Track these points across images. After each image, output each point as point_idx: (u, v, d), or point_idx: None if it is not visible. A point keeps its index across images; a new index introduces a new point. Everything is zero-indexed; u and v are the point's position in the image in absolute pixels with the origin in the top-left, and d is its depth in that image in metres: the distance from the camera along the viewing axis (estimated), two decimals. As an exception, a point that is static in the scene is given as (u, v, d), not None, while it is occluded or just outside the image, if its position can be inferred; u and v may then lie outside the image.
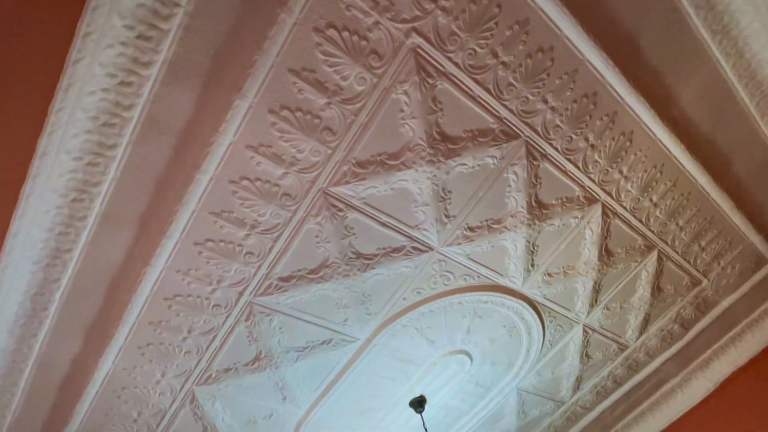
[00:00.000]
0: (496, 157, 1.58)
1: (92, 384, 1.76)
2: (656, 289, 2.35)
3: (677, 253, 2.23)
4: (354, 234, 1.64)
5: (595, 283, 2.18)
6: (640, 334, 2.57)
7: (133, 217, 1.43)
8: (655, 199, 1.97)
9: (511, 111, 1.47)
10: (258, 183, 1.43)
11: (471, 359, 2.24)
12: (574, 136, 1.62)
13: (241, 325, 1.77)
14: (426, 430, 2.23)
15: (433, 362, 2.18)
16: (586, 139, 1.65)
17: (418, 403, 2.28)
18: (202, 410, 1.99)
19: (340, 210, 1.57)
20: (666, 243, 2.16)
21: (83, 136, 1.21)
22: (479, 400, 2.49)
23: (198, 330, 1.74)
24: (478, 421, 2.62)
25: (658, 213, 2.03)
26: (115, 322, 1.63)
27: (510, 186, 1.69)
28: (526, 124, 1.53)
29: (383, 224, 1.65)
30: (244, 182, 1.41)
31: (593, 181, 1.80)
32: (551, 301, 2.17)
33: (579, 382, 2.68)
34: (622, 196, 1.90)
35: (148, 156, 1.30)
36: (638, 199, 1.93)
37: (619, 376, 2.77)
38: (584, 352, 2.52)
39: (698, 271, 2.37)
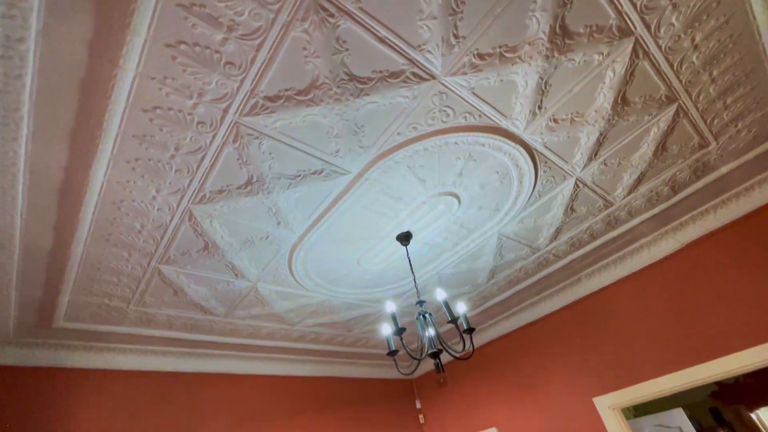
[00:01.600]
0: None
1: (90, 194, 1.81)
2: (661, 147, 2.28)
3: (698, 109, 2.07)
4: (347, 50, 1.45)
5: (601, 134, 2.08)
6: (629, 193, 2.61)
7: (87, 4, 1.21)
8: (697, 39, 1.70)
9: None
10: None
11: (459, 202, 2.30)
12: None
13: (229, 146, 1.72)
14: (410, 260, 2.45)
15: (422, 201, 2.24)
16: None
17: (405, 237, 2.45)
18: (201, 227, 2.12)
19: (332, 15, 1.34)
20: (689, 96, 1.98)
21: None
22: (461, 240, 2.68)
23: (185, 148, 1.70)
24: (458, 258, 2.88)
25: (694, 58, 1.79)
26: (97, 131, 1.57)
27: (535, 2, 1.42)
28: None
29: (381, 40, 1.44)
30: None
31: (634, 5, 1.51)
32: (550, 150, 2.10)
33: (558, 233, 2.85)
34: (662, 30, 1.63)
35: None
36: (679, 36, 1.67)
37: (597, 231, 2.94)
38: (570, 205, 2.60)
39: (711, 132, 2.25)
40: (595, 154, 2.22)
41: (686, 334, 2.96)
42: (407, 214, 2.32)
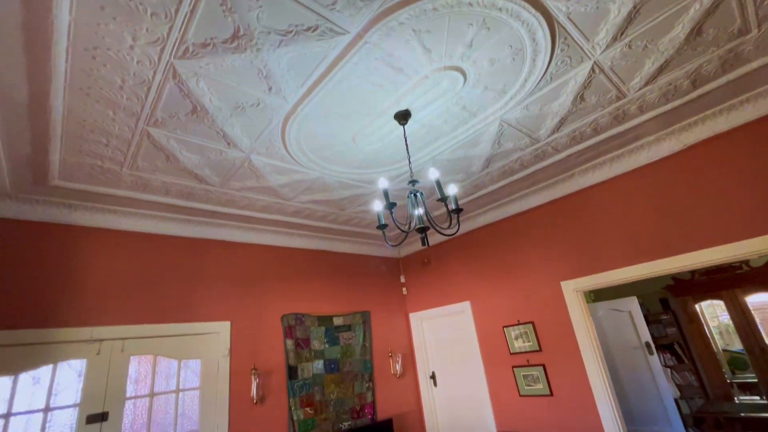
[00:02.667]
0: None
1: (58, 36, 1.63)
2: (696, 31, 2.04)
3: (751, -17, 1.80)
4: None
5: (634, 7, 1.83)
6: (646, 84, 2.44)
7: None
8: None
9: None
10: None
11: (465, 79, 2.14)
12: None
13: (209, -14, 1.49)
14: (406, 141, 2.39)
15: (424, 75, 2.08)
16: None
17: (403, 116, 2.35)
18: (187, 87, 1.98)
19: None
20: (748, -36, 1.69)
21: None
22: (461, 124, 2.59)
23: (159, -15, 1.47)
24: (455, 144, 2.82)
25: None
26: (50, -48, 1.32)
27: None
28: None
29: None
30: None
31: None
32: (573, 23, 1.87)
33: (561, 123, 2.75)
34: None
35: None
36: None
37: (601, 125, 2.84)
38: (580, 93, 2.45)
39: (757, 16, 2.00)
40: (622, 33, 2.00)
41: (660, 231, 3.13)
42: (407, 90, 2.18)
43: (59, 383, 2.68)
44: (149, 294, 3.19)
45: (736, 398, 4.99)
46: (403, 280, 5.37)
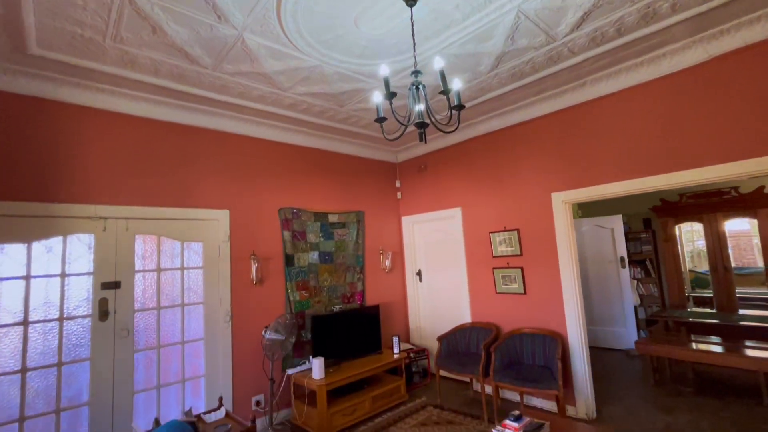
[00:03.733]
0: None
1: None
2: None
3: None
4: None
5: None
6: (686, -24, 2.18)
7: None
8: None
9: None
10: None
11: (484, -48, 1.88)
12: None
13: None
14: (412, 24, 2.20)
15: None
16: None
17: (412, -4, 2.12)
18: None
19: None
20: None
21: None
22: (475, 11, 2.36)
23: None
24: (466, 36, 2.61)
25: None
26: None
27: None
28: None
29: None
30: None
31: None
32: None
33: (583, 19, 2.51)
34: None
35: None
36: None
37: (627, 24, 2.60)
38: (611, -17, 2.19)
39: None
40: None
41: (662, 148, 3.10)
42: (419, -38, 1.92)
43: (71, 253, 2.87)
44: (148, 178, 3.23)
45: (689, 309, 5.54)
46: (398, 184, 5.45)
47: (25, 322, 2.64)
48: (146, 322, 3.14)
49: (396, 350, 4.27)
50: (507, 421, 2.20)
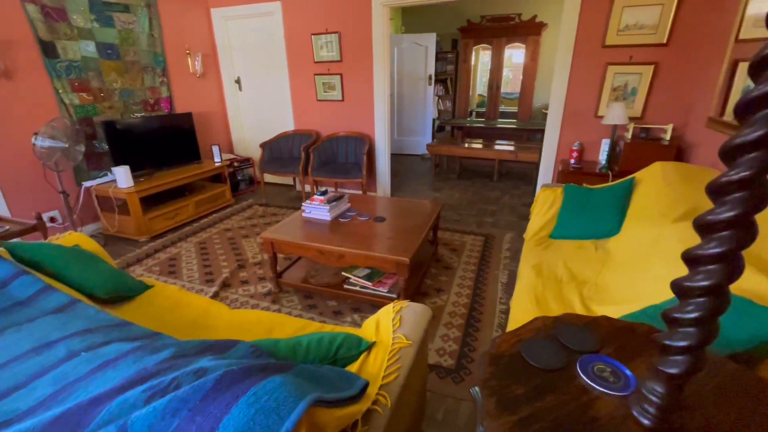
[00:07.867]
0: None
1: None
2: None
3: None
4: None
5: None
6: None
7: None
8: None
9: None
10: None
11: None
12: None
13: None
14: None
15: None
16: None
17: None
18: None
19: None
20: None
21: None
22: None
23: None
24: None
25: None
26: None
27: None
28: None
29: None
30: None
31: None
32: None
33: None
34: None
35: None
36: None
37: None
38: None
39: None
40: None
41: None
42: None
43: None
44: None
45: (469, 119, 7.04)
46: (200, -39, 4.28)
47: None
48: None
49: (217, 159, 4.21)
50: (315, 196, 2.66)
